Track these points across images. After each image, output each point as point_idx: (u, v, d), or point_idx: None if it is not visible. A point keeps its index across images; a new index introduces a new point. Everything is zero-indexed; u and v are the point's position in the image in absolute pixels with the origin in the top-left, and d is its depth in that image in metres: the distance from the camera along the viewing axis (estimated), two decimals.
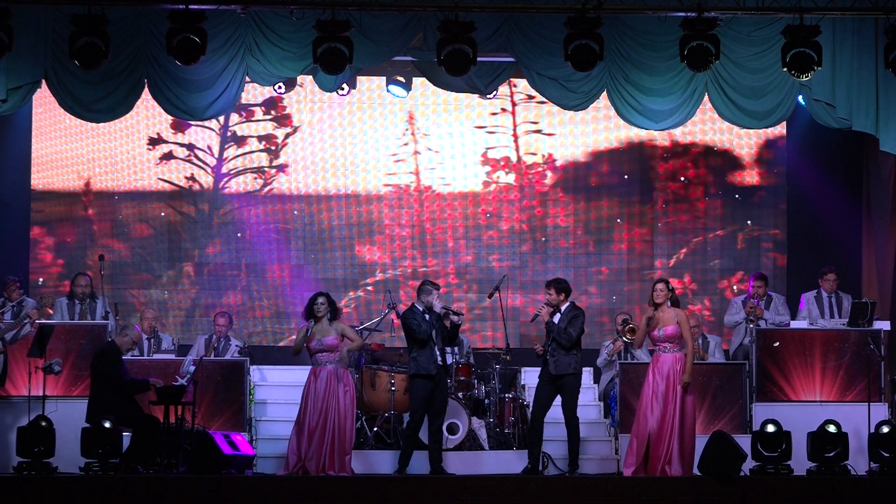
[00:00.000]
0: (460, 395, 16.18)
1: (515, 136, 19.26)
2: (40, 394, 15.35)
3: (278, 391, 17.37)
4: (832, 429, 15.03)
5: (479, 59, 15.65)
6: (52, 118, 18.77)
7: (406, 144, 19.21)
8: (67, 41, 15.38)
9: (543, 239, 19.20)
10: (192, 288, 19.00)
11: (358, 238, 19.17)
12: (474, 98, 18.76)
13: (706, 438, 14.81)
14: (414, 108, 19.15)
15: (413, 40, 16.55)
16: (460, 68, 15.60)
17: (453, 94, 18.30)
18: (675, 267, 19.11)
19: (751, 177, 19.28)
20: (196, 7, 15.32)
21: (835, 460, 14.93)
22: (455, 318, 15.30)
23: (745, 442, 14.98)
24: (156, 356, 16.95)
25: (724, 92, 16.66)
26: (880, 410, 15.90)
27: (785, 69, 15.70)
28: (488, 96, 18.49)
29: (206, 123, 19.00)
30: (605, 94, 16.79)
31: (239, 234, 19.09)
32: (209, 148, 19.15)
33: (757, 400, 16.22)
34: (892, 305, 17.60)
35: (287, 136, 19.20)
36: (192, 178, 19.11)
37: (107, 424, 14.72)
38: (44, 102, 18.06)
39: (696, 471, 14.70)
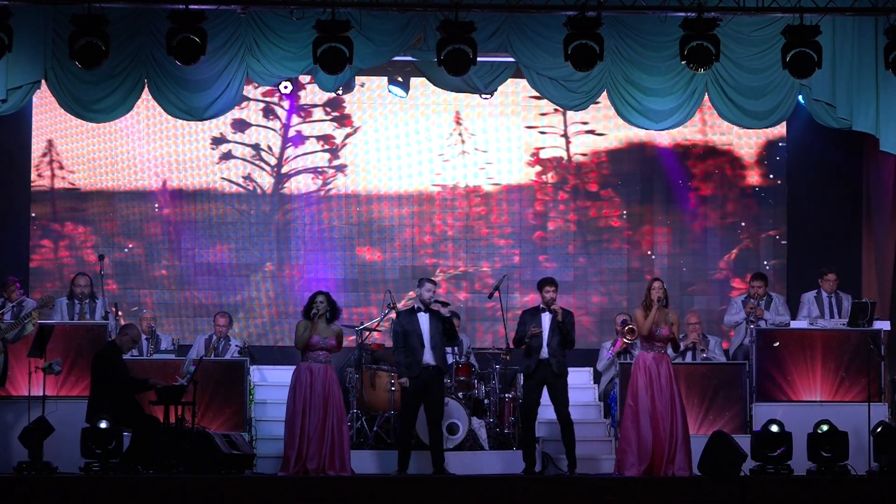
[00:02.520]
0: (460, 395, 16.18)
1: (566, 137, 19.23)
2: (40, 394, 15.34)
3: (278, 391, 17.34)
4: (824, 428, 15.04)
5: (479, 59, 15.65)
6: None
7: (455, 145, 19.17)
8: (67, 41, 15.37)
9: (594, 239, 19.20)
10: (262, 287, 19.02)
11: (409, 237, 19.17)
12: (521, 97, 18.71)
13: (706, 438, 14.81)
14: (461, 108, 19.10)
15: (413, 40, 16.56)
16: (460, 68, 15.60)
17: (499, 94, 18.22)
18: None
19: (751, 177, 19.27)
20: (196, 7, 15.32)
21: (831, 460, 14.92)
22: (442, 309, 15.26)
23: (745, 442, 14.98)
24: (155, 356, 16.96)
25: (724, 92, 16.67)
26: (880, 410, 15.90)
27: (785, 69, 15.70)
28: (484, 96, 18.46)
29: (268, 123, 19.04)
30: (605, 93, 16.82)
31: (298, 235, 19.10)
32: (269, 148, 19.16)
33: (757, 400, 16.22)
34: (892, 305, 17.59)
35: (347, 136, 19.19)
36: (249, 178, 19.14)
37: (102, 425, 14.72)
38: None
39: (696, 471, 14.70)
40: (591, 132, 19.13)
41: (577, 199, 19.21)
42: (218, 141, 19.06)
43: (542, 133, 19.20)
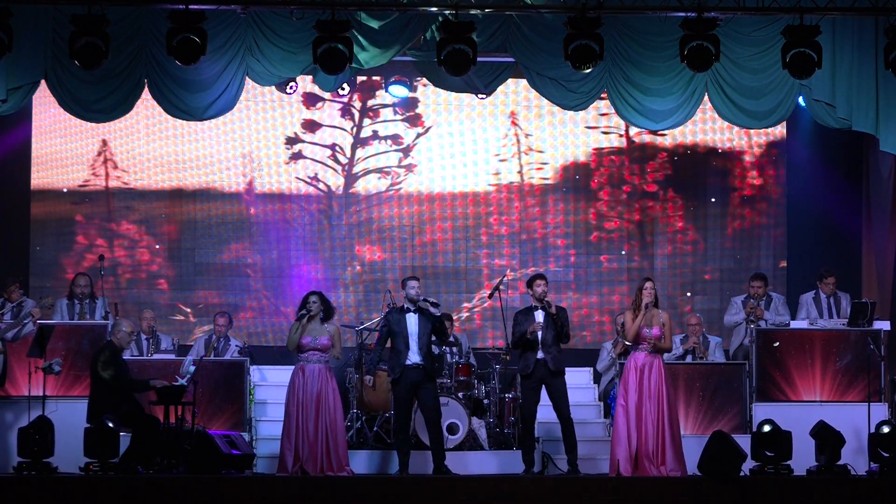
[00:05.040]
0: (460, 395, 16.19)
1: (627, 136, 19.20)
2: (40, 394, 15.34)
3: (278, 391, 17.33)
4: (818, 429, 15.06)
5: (479, 59, 15.65)
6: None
7: (512, 145, 19.18)
8: (67, 41, 15.38)
9: (650, 239, 19.20)
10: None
11: (465, 238, 19.23)
12: None
13: (706, 438, 14.82)
14: (517, 108, 19.10)
15: (413, 40, 16.56)
16: (460, 68, 15.60)
17: None
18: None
19: (751, 177, 19.29)
20: (196, 7, 15.32)
21: (831, 460, 14.92)
22: (433, 309, 15.25)
23: (745, 442, 14.98)
24: (155, 356, 16.96)
25: (724, 92, 16.66)
26: (880, 410, 15.90)
27: (785, 69, 15.70)
28: (480, 97, 18.46)
29: (338, 123, 19.08)
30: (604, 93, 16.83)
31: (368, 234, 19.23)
32: (340, 148, 19.17)
33: (757, 400, 16.22)
34: (892, 305, 17.59)
35: (418, 136, 19.22)
36: (315, 178, 19.15)
37: (110, 424, 14.73)
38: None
39: (696, 471, 14.70)
40: (654, 132, 19.10)
41: (638, 200, 19.23)
42: (292, 141, 19.16)
43: (604, 133, 19.18)
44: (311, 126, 19.19)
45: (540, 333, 15.21)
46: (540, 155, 19.23)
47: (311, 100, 19.13)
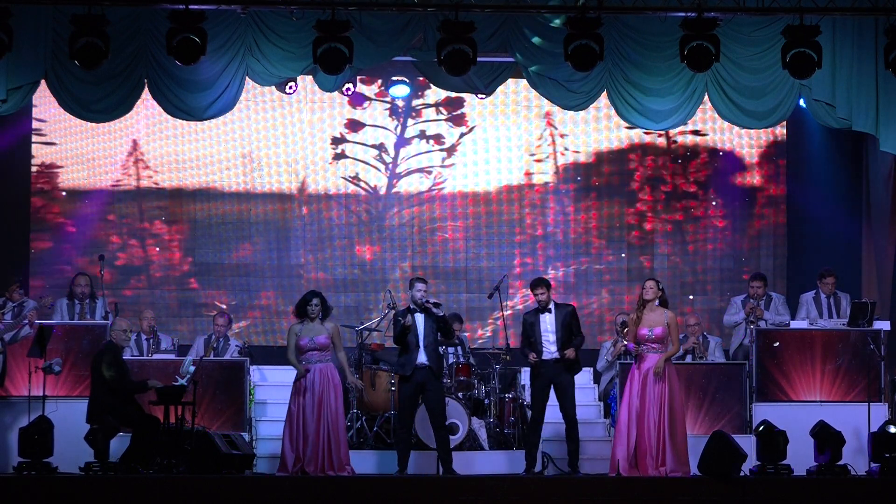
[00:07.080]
0: (460, 395, 16.19)
1: (668, 137, 19.18)
2: (40, 394, 15.35)
3: (278, 391, 17.34)
4: (818, 429, 15.06)
5: (479, 59, 15.65)
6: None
7: (548, 145, 19.17)
8: (67, 41, 15.38)
9: (692, 238, 19.19)
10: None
11: (500, 234, 19.25)
12: None
13: (706, 438, 14.81)
14: (552, 108, 19.06)
15: (413, 40, 16.57)
16: (460, 68, 15.60)
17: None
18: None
19: (751, 177, 19.29)
20: (196, 7, 15.32)
21: (831, 460, 14.93)
22: (435, 309, 15.27)
23: (745, 442, 14.98)
24: (155, 356, 16.96)
25: (724, 92, 16.67)
26: (880, 410, 15.90)
27: (785, 69, 15.70)
28: (480, 97, 18.47)
29: (381, 123, 19.11)
30: (605, 93, 16.82)
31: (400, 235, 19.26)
32: (385, 148, 19.20)
33: (757, 400, 16.22)
34: (892, 305, 17.59)
35: (462, 135, 19.23)
36: (357, 178, 19.17)
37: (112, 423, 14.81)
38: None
39: (695, 471, 14.70)
40: (697, 132, 19.05)
41: (678, 200, 19.22)
42: (337, 141, 19.18)
43: (646, 133, 19.14)
44: (354, 125, 19.18)
45: (556, 336, 15.15)
46: (575, 155, 19.22)
47: (356, 99, 19.10)
